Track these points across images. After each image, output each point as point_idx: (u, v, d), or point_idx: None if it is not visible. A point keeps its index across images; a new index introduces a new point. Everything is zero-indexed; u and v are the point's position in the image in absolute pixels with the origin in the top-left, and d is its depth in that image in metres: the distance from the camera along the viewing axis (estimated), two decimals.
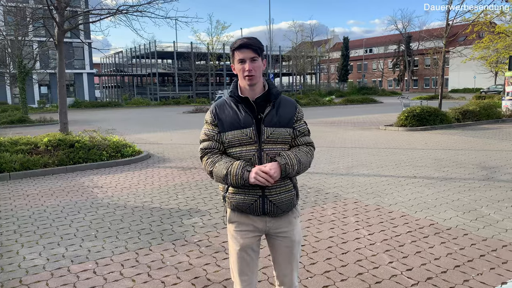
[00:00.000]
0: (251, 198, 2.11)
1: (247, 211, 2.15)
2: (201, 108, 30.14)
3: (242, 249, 2.18)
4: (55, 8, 10.60)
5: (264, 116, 2.10)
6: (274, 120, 2.11)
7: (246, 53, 2.07)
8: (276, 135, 2.11)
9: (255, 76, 2.08)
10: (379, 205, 5.56)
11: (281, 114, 2.13)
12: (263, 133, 2.09)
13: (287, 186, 2.15)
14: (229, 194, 2.18)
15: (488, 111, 16.61)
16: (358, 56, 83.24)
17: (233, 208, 2.20)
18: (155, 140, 13.42)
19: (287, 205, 2.16)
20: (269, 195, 2.11)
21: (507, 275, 3.46)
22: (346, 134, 13.73)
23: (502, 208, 5.30)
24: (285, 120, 2.14)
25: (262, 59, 2.14)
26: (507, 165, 7.96)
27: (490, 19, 19.74)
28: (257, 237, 2.22)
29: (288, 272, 2.26)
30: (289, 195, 2.16)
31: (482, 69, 44.69)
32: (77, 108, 35.88)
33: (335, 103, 36.34)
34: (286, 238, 2.21)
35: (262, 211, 2.13)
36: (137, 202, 5.97)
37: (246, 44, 2.07)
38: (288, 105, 2.18)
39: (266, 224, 2.19)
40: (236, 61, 2.11)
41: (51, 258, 4.01)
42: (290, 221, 2.23)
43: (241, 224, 2.20)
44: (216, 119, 2.18)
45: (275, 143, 2.11)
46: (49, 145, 8.75)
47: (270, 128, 2.10)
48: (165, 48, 51.16)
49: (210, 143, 2.19)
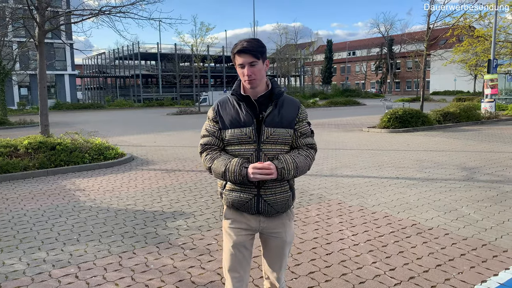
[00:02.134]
0: (246, 196, 2.14)
1: (242, 209, 2.18)
2: (185, 110, 29.94)
3: (235, 246, 2.21)
4: (35, 8, 10.41)
5: (266, 116, 2.11)
6: (276, 120, 2.11)
7: (245, 58, 2.07)
8: (277, 135, 2.11)
9: (255, 80, 2.09)
10: (363, 206, 5.62)
11: (283, 114, 2.13)
12: (263, 133, 2.10)
13: (283, 187, 2.16)
14: (225, 191, 2.20)
15: (468, 113, 16.97)
16: (341, 59, 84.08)
17: (228, 205, 2.23)
18: (139, 142, 13.29)
19: (281, 206, 2.18)
20: (264, 195, 2.13)
21: (486, 273, 3.53)
22: (330, 136, 13.84)
23: (481, 208, 5.42)
24: (287, 121, 2.14)
25: (264, 60, 2.13)
26: (486, 166, 8.15)
27: (470, 23, 20.21)
28: (250, 235, 2.25)
29: (276, 269, 2.33)
30: (285, 196, 2.17)
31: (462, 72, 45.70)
32: (58, 110, 35.26)
33: (319, 105, 36.60)
34: (278, 238, 2.25)
35: (257, 210, 2.15)
36: (120, 205, 5.90)
37: (244, 49, 2.06)
38: (291, 105, 2.17)
39: (260, 224, 2.22)
40: (237, 65, 2.12)
41: (32, 263, 3.93)
42: (284, 222, 2.25)
43: (235, 221, 2.23)
44: (217, 116, 2.19)
45: (274, 143, 2.11)
46: (29, 148, 8.58)
47: (271, 128, 2.11)
48: (148, 49, 50.77)
49: (210, 139, 2.20)
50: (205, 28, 32.61)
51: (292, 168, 2.07)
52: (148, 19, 11.51)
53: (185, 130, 17.25)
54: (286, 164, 2.06)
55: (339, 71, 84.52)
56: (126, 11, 11.09)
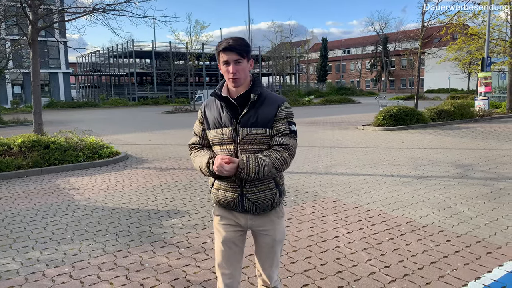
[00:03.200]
0: (231, 195, 2.16)
1: (228, 208, 2.21)
2: (180, 108, 29.86)
3: (224, 242, 2.23)
4: (28, 6, 10.32)
5: (241, 116, 2.10)
6: (252, 120, 2.09)
7: (230, 55, 2.06)
8: (253, 135, 2.09)
9: (239, 79, 2.08)
10: (358, 203, 5.64)
11: (260, 114, 2.10)
12: (240, 134, 2.09)
13: (267, 184, 2.15)
14: (213, 189, 2.24)
15: (462, 110, 17.06)
16: (336, 57, 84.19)
17: (216, 203, 2.27)
18: (133, 140, 13.24)
19: (267, 204, 2.17)
20: (247, 194, 2.13)
21: (480, 270, 3.55)
22: (325, 134, 13.86)
23: (475, 205, 5.45)
24: (264, 120, 2.09)
25: (248, 59, 2.12)
26: (480, 163, 8.20)
27: (463, 21, 20.29)
28: (239, 232, 2.26)
29: (267, 267, 2.32)
30: (270, 194, 2.15)
31: (456, 70, 45.94)
32: (52, 108, 35.05)
33: (314, 103, 36.64)
34: (267, 236, 2.25)
35: (242, 208, 2.17)
36: (114, 204, 5.87)
37: (230, 46, 2.05)
38: (270, 104, 2.12)
39: (248, 221, 2.23)
40: (221, 62, 2.10)
41: (25, 262, 3.90)
42: (272, 220, 2.24)
43: (224, 217, 2.26)
44: (203, 117, 2.24)
45: (252, 143, 2.10)
46: (23, 147, 8.52)
47: (247, 128, 2.09)
48: (143, 47, 50.49)
49: (196, 139, 2.29)
50: (200, 26, 32.57)
51: (252, 171, 2.02)
52: (143, 17, 11.43)
53: (180, 128, 17.20)
54: (248, 166, 2.01)
55: (334, 69, 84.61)
56: (120, 9, 11.01)
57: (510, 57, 19.68)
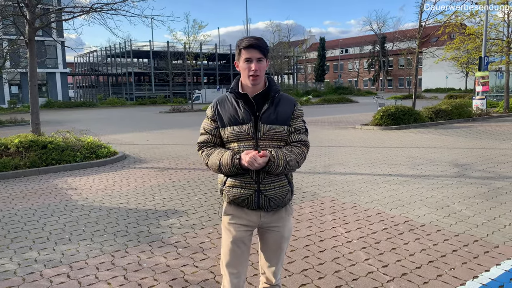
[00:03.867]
0: (247, 192, 2.17)
1: (243, 205, 2.22)
2: (178, 108, 29.87)
3: (234, 241, 2.24)
4: (25, 6, 10.28)
5: (262, 113, 2.15)
6: (272, 117, 2.16)
7: (254, 53, 2.12)
8: (273, 132, 2.16)
9: (259, 76, 2.14)
10: (356, 203, 5.64)
11: (279, 111, 2.18)
12: (260, 130, 2.14)
13: (281, 181, 2.21)
14: (226, 187, 2.24)
15: (459, 110, 17.10)
16: (334, 56, 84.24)
17: (229, 201, 2.26)
18: (131, 140, 13.21)
19: (281, 200, 2.22)
20: (264, 190, 2.17)
21: (478, 269, 3.56)
22: (323, 133, 13.87)
23: (473, 204, 5.46)
24: (283, 118, 2.18)
25: (267, 59, 2.18)
26: (478, 163, 8.21)
27: (461, 20, 20.32)
28: (249, 231, 2.29)
29: (273, 264, 2.35)
30: (284, 190, 2.22)
31: (454, 69, 46.02)
32: (50, 108, 34.95)
33: (312, 102, 36.66)
34: (277, 233, 2.29)
35: (257, 205, 2.19)
36: (112, 204, 5.86)
37: (255, 44, 2.11)
38: (286, 103, 2.22)
39: (260, 219, 2.25)
40: (242, 59, 2.14)
41: (23, 262, 3.89)
42: (283, 217, 2.30)
43: (235, 217, 2.26)
44: (215, 115, 2.24)
45: (271, 140, 2.16)
46: (20, 147, 8.49)
47: (267, 125, 2.15)
48: (141, 47, 50.44)
49: (207, 137, 2.27)
50: (198, 26, 32.46)
51: (281, 165, 2.10)
52: (140, 17, 11.40)
53: (178, 128, 17.19)
54: (278, 159, 2.09)
55: (332, 68, 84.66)
56: (118, 8, 10.98)
57: (507, 56, 19.72)
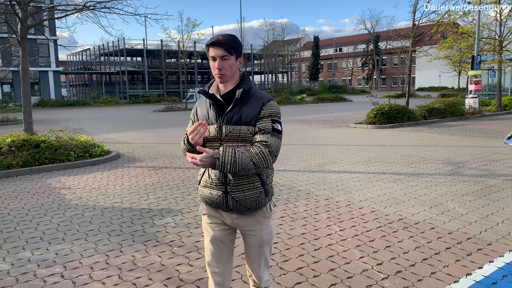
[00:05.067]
0: (216, 193, 2.15)
1: (214, 206, 2.20)
2: (172, 107, 29.70)
3: (213, 241, 2.24)
4: (17, 3, 10.18)
5: (225, 114, 2.11)
6: (235, 118, 2.08)
7: (217, 51, 2.06)
8: (236, 133, 2.07)
9: (225, 75, 2.08)
10: (350, 201, 5.66)
11: (244, 111, 2.08)
12: (224, 131, 2.10)
13: (252, 183, 2.11)
14: (200, 187, 2.24)
15: (452, 108, 17.21)
16: (328, 55, 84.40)
17: (203, 201, 2.27)
18: (125, 139, 13.15)
19: (251, 203, 2.13)
20: (231, 192, 2.11)
21: (471, 266, 3.59)
22: (317, 132, 13.90)
23: (466, 202, 5.50)
24: (247, 118, 2.07)
25: (237, 57, 2.10)
26: (471, 161, 8.28)
27: (454, 19, 20.43)
28: (227, 230, 2.25)
29: (255, 267, 2.29)
30: (255, 193, 2.12)
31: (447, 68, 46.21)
32: (42, 107, 34.66)
33: (306, 101, 36.71)
34: (255, 236, 2.22)
35: (226, 207, 2.15)
36: (106, 203, 5.83)
37: (217, 42, 2.05)
38: (255, 102, 2.10)
39: (233, 221, 2.21)
40: (210, 57, 2.12)
41: (16, 263, 3.86)
42: (259, 220, 2.20)
43: (211, 216, 2.26)
44: (195, 116, 2.25)
45: (236, 141, 2.08)
46: (12, 146, 8.42)
47: (230, 126, 2.08)
48: (134, 45, 50.13)
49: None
50: (192, 24, 32.35)
51: (228, 162, 1.96)
52: (134, 15, 11.33)
53: (172, 127, 17.13)
54: (225, 157, 1.96)
55: (326, 67, 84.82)
56: (111, 7, 10.89)
57: (500, 55, 19.88)
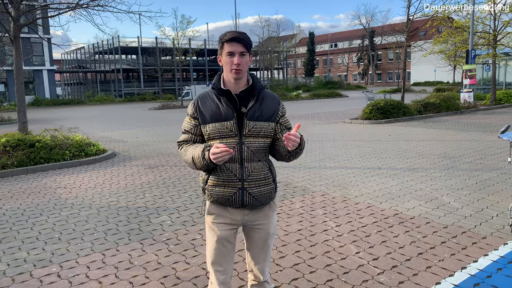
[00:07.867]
0: (230, 190, 2.15)
1: (226, 204, 2.20)
2: (167, 104, 29.63)
3: (219, 240, 2.23)
4: (10, 2, 10.10)
5: (247, 110, 2.13)
6: (257, 114, 2.14)
7: (236, 46, 2.08)
8: (259, 128, 2.14)
9: (242, 71, 2.11)
10: (346, 197, 5.68)
11: (264, 108, 2.17)
12: (246, 127, 2.12)
13: (267, 179, 2.20)
14: (208, 186, 2.21)
15: (447, 103, 17.28)
16: (323, 51, 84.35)
17: (212, 201, 2.23)
18: (120, 138, 13.12)
19: (266, 198, 2.21)
20: (249, 188, 2.15)
21: (466, 260, 3.62)
22: (313, 128, 13.91)
23: (461, 196, 5.54)
24: (268, 114, 2.17)
25: (250, 54, 2.15)
26: (466, 155, 8.32)
27: (448, 14, 20.48)
28: (234, 229, 2.27)
29: (260, 261, 2.34)
30: (269, 188, 2.21)
31: (442, 62, 46.38)
32: (37, 106, 34.47)
33: (302, 97, 36.71)
34: (262, 230, 2.27)
35: (241, 203, 2.17)
36: (102, 202, 5.82)
37: (237, 38, 2.08)
38: (271, 100, 2.22)
39: (244, 217, 2.23)
40: (225, 53, 2.11)
41: (12, 263, 3.85)
42: (267, 214, 2.28)
43: (219, 216, 2.24)
44: (196, 112, 2.20)
45: (257, 136, 2.14)
46: (7, 146, 8.38)
47: (253, 121, 2.13)
48: (129, 43, 49.92)
49: (187, 136, 2.24)
50: (186, 21, 32.38)
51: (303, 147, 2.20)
52: (127, 13, 11.27)
53: (168, 125, 17.09)
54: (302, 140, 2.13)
55: (321, 63, 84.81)
56: (104, 5, 10.83)
57: (494, 49, 19.94)
